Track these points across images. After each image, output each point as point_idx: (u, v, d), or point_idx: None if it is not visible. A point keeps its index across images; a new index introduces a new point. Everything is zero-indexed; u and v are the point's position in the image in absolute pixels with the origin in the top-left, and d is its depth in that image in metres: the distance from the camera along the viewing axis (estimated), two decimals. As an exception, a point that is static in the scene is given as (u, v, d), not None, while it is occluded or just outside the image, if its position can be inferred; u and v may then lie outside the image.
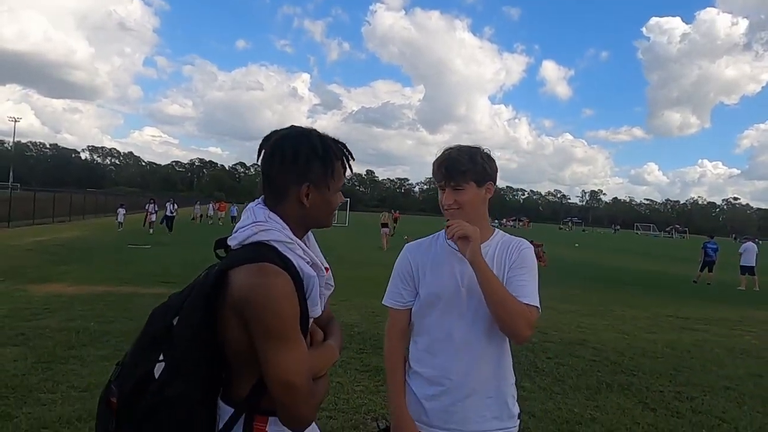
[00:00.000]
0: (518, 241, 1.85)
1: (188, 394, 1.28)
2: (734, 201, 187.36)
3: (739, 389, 5.38)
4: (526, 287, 1.74)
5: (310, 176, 1.38)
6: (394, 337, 1.90)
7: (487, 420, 1.76)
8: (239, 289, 1.26)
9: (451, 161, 1.78)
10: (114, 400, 1.32)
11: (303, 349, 1.31)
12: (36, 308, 7.53)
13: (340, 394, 4.60)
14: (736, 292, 15.85)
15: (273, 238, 1.33)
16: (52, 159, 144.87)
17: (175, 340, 1.30)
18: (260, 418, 1.35)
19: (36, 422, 3.70)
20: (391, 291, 1.92)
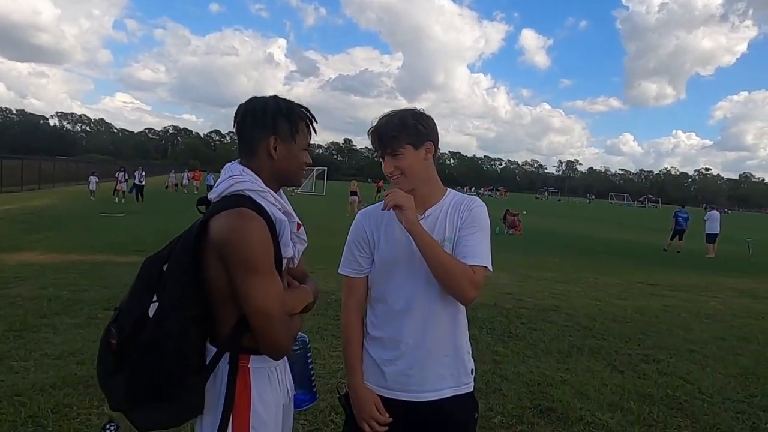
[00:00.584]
0: (469, 200, 1.82)
1: (180, 329, 1.44)
2: (706, 171, 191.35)
3: (703, 352, 5.58)
4: (474, 247, 1.72)
5: (276, 130, 1.55)
6: (352, 307, 1.88)
7: (445, 378, 1.78)
8: (219, 232, 1.42)
9: (382, 128, 1.75)
10: (113, 341, 1.48)
11: (277, 282, 1.46)
12: (7, 277, 7.40)
13: (316, 359, 4.63)
14: (705, 260, 16.30)
15: (247, 188, 1.49)
16: (19, 125, 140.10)
17: (166, 282, 1.46)
18: (244, 356, 1.52)
19: (9, 389, 3.67)
20: (346, 259, 1.89)
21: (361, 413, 1.80)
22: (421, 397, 1.78)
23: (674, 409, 4.02)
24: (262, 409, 1.53)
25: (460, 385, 1.82)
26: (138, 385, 1.45)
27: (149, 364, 1.42)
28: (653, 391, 4.35)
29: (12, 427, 3.18)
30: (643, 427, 3.69)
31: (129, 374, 1.45)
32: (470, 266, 1.69)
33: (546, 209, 49.74)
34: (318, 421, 3.49)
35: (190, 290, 1.45)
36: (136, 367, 1.44)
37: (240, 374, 1.51)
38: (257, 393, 1.53)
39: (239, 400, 1.50)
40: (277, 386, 1.60)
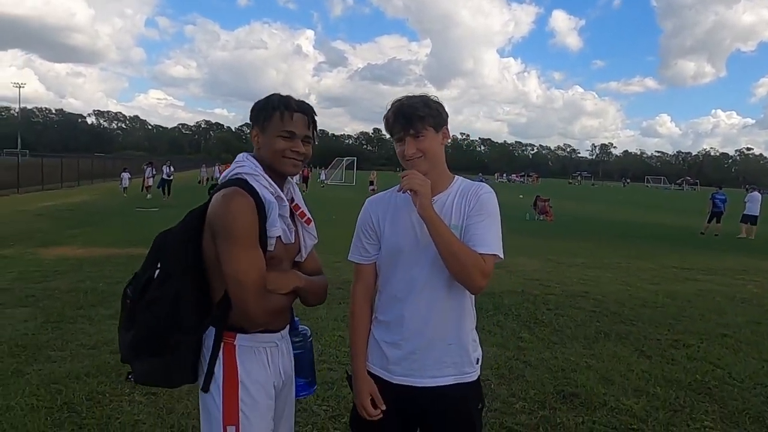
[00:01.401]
0: (477, 186, 1.82)
1: (175, 293, 1.60)
2: (747, 151, 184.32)
3: (736, 336, 5.44)
4: (483, 235, 1.72)
5: (255, 122, 1.74)
6: (360, 294, 1.89)
7: (447, 366, 1.78)
8: (212, 207, 1.59)
9: (409, 108, 1.74)
10: (128, 301, 1.70)
11: (256, 254, 1.58)
12: (46, 271, 7.69)
13: (341, 347, 4.71)
14: (743, 242, 15.82)
15: (244, 172, 1.66)
16: (58, 124, 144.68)
17: (167, 250, 1.66)
18: (229, 333, 1.64)
19: (46, 378, 3.84)
20: (355, 246, 1.90)
21: (357, 398, 1.85)
22: (422, 382, 1.79)
23: (702, 394, 3.95)
24: (250, 384, 1.64)
25: (463, 373, 1.81)
26: (138, 338, 1.63)
27: (147, 320, 1.61)
28: (681, 377, 4.28)
29: (49, 413, 3.33)
30: (669, 412, 3.64)
31: (134, 329, 1.64)
32: (480, 255, 1.69)
33: (579, 194, 48.88)
34: (341, 407, 3.55)
35: (186, 258, 1.62)
36: (139, 323, 1.63)
37: (226, 351, 1.63)
38: (244, 369, 1.64)
39: (227, 374, 1.62)
40: (267, 365, 1.69)
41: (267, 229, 1.60)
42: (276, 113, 1.68)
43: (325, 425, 3.32)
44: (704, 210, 18.90)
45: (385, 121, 1.82)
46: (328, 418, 3.40)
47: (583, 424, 3.42)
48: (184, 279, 1.61)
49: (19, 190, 24.82)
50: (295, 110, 1.69)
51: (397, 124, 1.76)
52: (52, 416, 3.30)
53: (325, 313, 5.65)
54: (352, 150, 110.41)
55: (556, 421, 3.45)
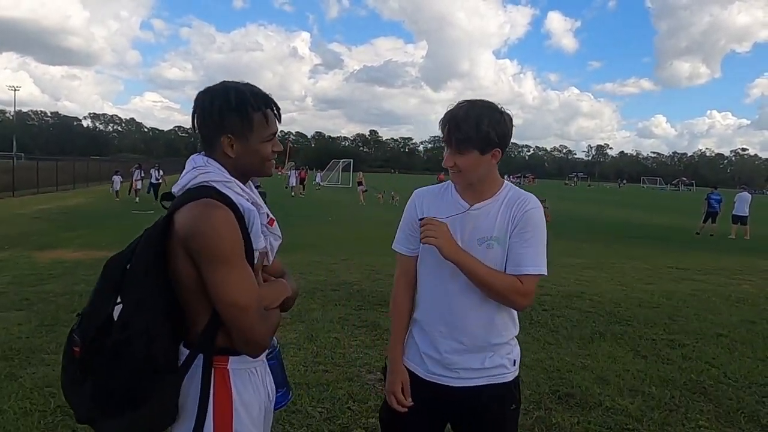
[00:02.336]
0: (524, 200, 1.77)
1: (146, 329, 1.34)
2: (742, 152, 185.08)
3: (731, 336, 5.45)
4: (524, 256, 1.71)
5: (228, 128, 1.45)
6: (401, 284, 1.91)
7: (481, 367, 1.77)
8: (183, 225, 1.34)
9: (454, 125, 1.69)
10: (77, 348, 1.39)
11: (249, 272, 1.39)
12: (40, 274, 7.65)
13: (336, 348, 4.70)
14: (737, 242, 15.87)
15: (211, 179, 1.42)
16: (54, 127, 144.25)
17: (129, 281, 1.39)
18: (220, 357, 1.43)
19: (40, 381, 3.82)
20: (399, 236, 1.91)
21: (388, 385, 1.87)
22: (456, 382, 1.79)
23: (697, 394, 3.95)
24: (244, 412, 1.45)
25: (497, 375, 1.80)
26: (104, 392, 1.36)
27: (115, 369, 1.34)
28: (676, 376, 4.28)
29: (42, 416, 3.31)
30: (664, 411, 3.64)
31: (94, 382, 1.36)
32: (518, 276, 1.70)
33: (575, 195, 48.98)
34: (335, 409, 3.54)
35: (156, 288, 1.37)
36: (101, 374, 1.35)
37: (218, 377, 1.43)
38: (238, 395, 1.45)
39: (219, 404, 1.42)
40: (259, 387, 1.53)
41: (252, 242, 1.43)
42: (257, 115, 1.46)
43: (320, 427, 3.31)
44: (700, 210, 18.97)
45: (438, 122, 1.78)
46: (323, 420, 3.39)
47: (579, 425, 3.42)
48: (156, 312, 1.36)
49: (14, 193, 24.68)
50: (275, 106, 1.52)
51: (443, 132, 1.74)
52: (45, 420, 3.28)
53: (320, 315, 5.64)
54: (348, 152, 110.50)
55: (551, 422, 3.45)
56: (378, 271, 8.30)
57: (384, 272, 8.22)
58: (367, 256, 9.80)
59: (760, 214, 17.93)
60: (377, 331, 5.22)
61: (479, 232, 1.75)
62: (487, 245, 1.73)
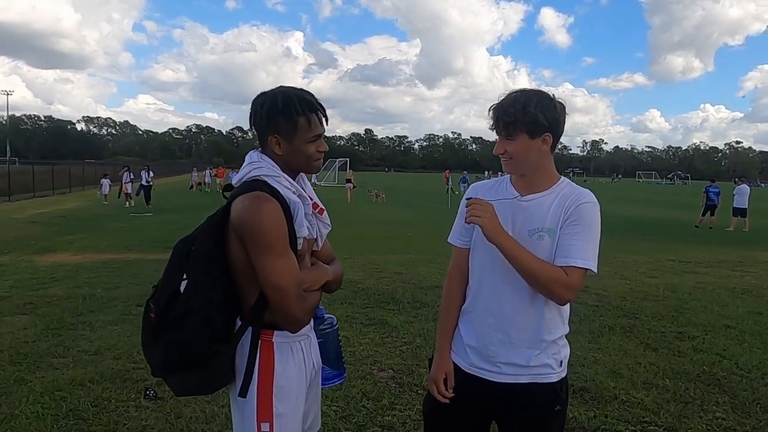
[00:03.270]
0: (578, 194, 1.74)
1: (206, 303, 1.55)
2: (736, 145, 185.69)
3: (739, 327, 5.45)
4: (572, 247, 1.67)
5: (275, 129, 1.63)
6: (454, 276, 1.90)
7: (522, 365, 1.75)
8: (237, 214, 1.54)
9: (502, 109, 1.69)
10: (152, 315, 1.62)
11: (291, 259, 1.56)
12: (42, 278, 7.60)
13: (346, 347, 4.65)
14: (737, 234, 15.92)
15: (263, 173, 1.61)
16: (48, 131, 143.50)
17: (193, 260, 1.60)
18: (267, 331, 1.62)
19: (50, 385, 3.77)
20: (454, 229, 1.91)
21: (432, 373, 1.89)
22: (496, 377, 1.76)
23: (711, 386, 3.94)
24: (284, 382, 1.62)
25: (541, 374, 1.76)
26: (171, 354, 1.58)
27: (179, 335, 1.56)
28: (689, 368, 4.27)
29: (54, 420, 3.27)
30: (680, 404, 3.63)
31: (164, 345, 1.59)
32: (563, 267, 1.66)
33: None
34: (350, 408, 3.51)
35: (215, 268, 1.57)
36: (169, 339, 1.58)
37: (263, 348, 1.61)
38: (280, 367, 1.62)
39: (262, 372, 1.60)
40: (301, 361, 1.68)
41: (296, 231, 1.59)
42: (302, 119, 1.62)
43: (336, 426, 3.28)
44: (697, 204, 19.04)
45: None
46: (339, 419, 3.37)
47: (596, 418, 3.40)
48: (214, 289, 1.57)
49: (10, 198, 24.58)
50: (320, 110, 1.66)
51: (492, 120, 1.74)
52: (58, 424, 3.24)
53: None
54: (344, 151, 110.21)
55: (568, 416, 3.40)
56: (381, 270, 8.27)
57: (387, 270, 8.20)
58: (370, 255, 9.78)
59: (757, 207, 17.97)
60: (385, 329, 5.19)
61: (531, 224, 1.72)
62: (537, 236, 1.70)
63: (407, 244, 12.19)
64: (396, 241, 12.52)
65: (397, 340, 4.87)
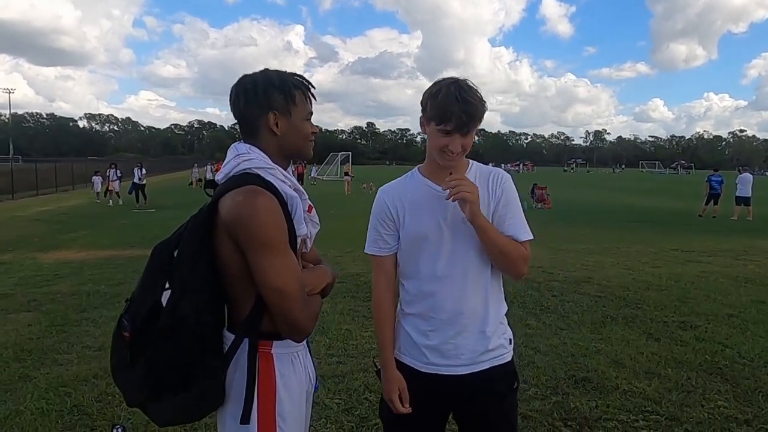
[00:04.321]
0: (496, 174, 1.79)
1: (195, 314, 1.37)
2: (740, 133, 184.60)
3: (742, 316, 5.45)
4: (518, 225, 1.76)
5: (273, 105, 1.48)
6: (382, 286, 1.83)
7: (481, 353, 1.75)
8: (229, 211, 1.36)
9: (473, 108, 1.62)
10: (126, 333, 1.41)
11: (292, 258, 1.40)
12: (46, 275, 7.64)
13: (348, 340, 4.69)
14: (740, 223, 15.86)
15: (254, 166, 1.43)
16: (50, 129, 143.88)
17: (178, 266, 1.40)
18: (264, 342, 1.45)
19: (54, 381, 3.81)
20: (371, 238, 1.84)
21: (386, 392, 1.82)
22: (457, 370, 1.76)
23: (713, 375, 3.95)
24: (287, 396, 1.47)
25: (497, 357, 1.79)
26: (155, 374, 1.39)
27: (166, 351, 1.36)
28: (691, 358, 4.27)
29: (59, 416, 3.30)
30: (682, 393, 3.63)
31: (145, 364, 1.39)
32: (521, 243, 1.75)
33: (575, 181, 48.95)
34: (353, 400, 3.53)
35: (203, 273, 1.39)
36: (152, 356, 1.38)
37: (263, 361, 1.44)
38: (282, 380, 1.46)
39: (263, 387, 1.44)
40: (301, 372, 1.54)
41: (296, 228, 1.45)
42: (298, 92, 1.50)
43: (339, 418, 3.30)
44: (700, 193, 18.94)
45: (435, 105, 1.65)
46: (341, 411, 3.38)
47: (597, 408, 3.41)
48: (202, 298, 1.39)
49: (13, 196, 24.65)
50: (313, 87, 1.55)
51: (455, 119, 1.61)
52: (62, 419, 3.27)
53: (329, 307, 5.62)
54: (346, 145, 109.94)
55: (570, 406, 3.44)
56: (384, 263, 8.27)
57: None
58: (372, 248, 9.78)
59: (760, 195, 17.89)
60: (388, 321, 5.20)
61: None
62: None
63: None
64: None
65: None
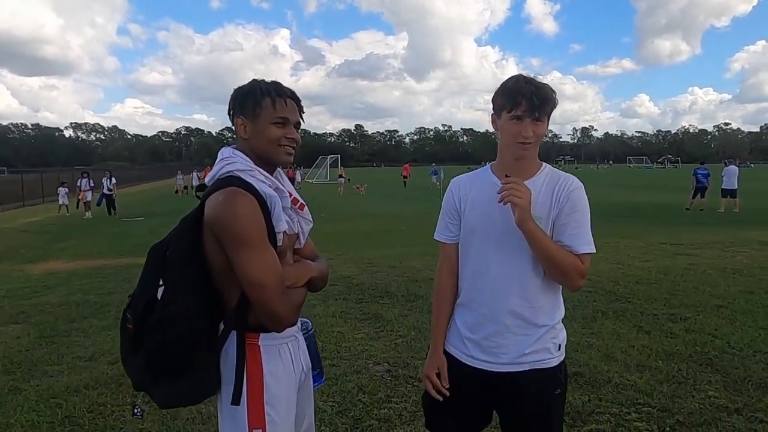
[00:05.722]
0: (565, 180, 1.76)
1: (186, 309, 1.50)
2: (725, 126, 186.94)
3: (731, 307, 5.50)
4: (579, 236, 1.70)
5: (241, 110, 1.62)
6: (445, 272, 1.91)
7: (523, 353, 1.75)
8: (210, 211, 1.48)
9: (544, 92, 1.68)
10: (130, 326, 1.58)
11: (269, 253, 1.50)
12: (35, 286, 7.57)
13: (341, 342, 4.68)
14: (727, 215, 16.02)
15: (236, 168, 1.55)
16: (35, 139, 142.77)
17: (169, 265, 1.53)
18: (252, 334, 1.57)
19: (45, 393, 3.76)
20: (440, 226, 1.92)
21: (424, 369, 1.91)
22: (497, 367, 1.76)
23: (704, 365, 3.98)
24: (274, 385, 1.58)
25: (540, 360, 1.76)
26: (153, 363, 1.52)
27: (160, 343, 1.49)
28: (681, 349, 4.31)
29: (50, 427, 3.26)
30: (673, 384, 3.66)
31: (144, 354, 1.53)
32: (578, 255, 1.69)
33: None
34: (346, 402, 3.52)
35: (192, 271, 1.51)
36: (149, 347, 1.52)
37: (250, 352, 1.56)
38: (269, 370, 1.57)
39: (251, 377, 1.55)
40: (289, 362, 1.64)
41: (274, 225, 1.54)
42: (267, 99, 1.60)
43: (333, 420, 3.29)
44: (687, 186, 19.10)
45: (505, 92, 1.71)
46: (335, 414, 3.38)
47: (590, 402, 3.43)
48: (193, 293, 1.51)
49: (0, 208, 24.40)
50: (288, 96, 1.64)
51: (528, 103, 1.65)
52: (54, 431, 3.23)
53: (322, 310, 5.61)
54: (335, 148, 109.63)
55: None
56: (374, 264, 8.28)
57: (381, 265, 8.21)
58: (362, 250, 9.79)
59: (746, 186, 18.08)
60: (380, 322, 5.20)
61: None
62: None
63: (400, 237, 12.20)
64: (389, 235, 12.52)
65: (392, 334, 4.88)
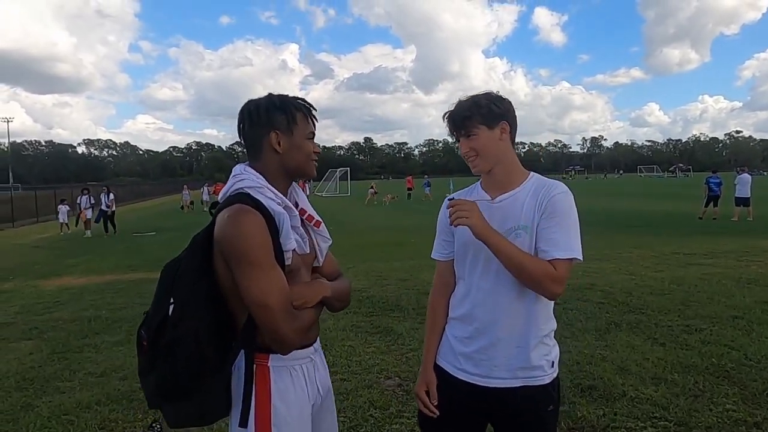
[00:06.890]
0: (548, 186, 1.74)
1: (196, 330, 1.45)
2: (737, 134, 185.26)
3: (747, 317, 5.41)
4: (555, 240, 1.65)
5: (275, 124, 1.57)
6: (437, 289, 1.93)
7: (515, 369, 1.72)
8: (218, 229, 1.46)
9: (455, 110, 1.77)
10: (145, 343, 1.54)
11: (275, 273, 1.46)
12: (47, 302, 7.61)
13: (352, 356, 4.65)
14: (741, 224, 15.83)
15: (245, 185, 1.53)
16: (49, 156, 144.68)
17: (179, 283, 1.50)
18: (261, 354, 1.53)
19: (57, 409, 3.77)
20: (436, 244, 1.94)
21: (415, 388, 1.92)
22: (489, 382, 1.74)
23: (720, 378, 3.91)
24: (283, 408, 1.52)
25: (532, 377, 1.73)
26: (163, 383, 1.49)
27: (169, 363, 1.46)
28: (697, 361, 4.24)
29: (62, 445, 3.27)
30: (689, 398, 3.60)
31: (155, 375, 1.50)
32: (551, 261, 1.64)
33: (574, 188, 48.82)
34: (358, 417, 3.49)
35: (201, 288, 1.47)
36: (160, 367, 1.49)
37: (259, 373, 1.52)
38: (278, 392, 1.53)
39: (259, 399, 1.51)
40: (302, 385, 1.58)
41: (282, 244, 1.49)
42: (299, 114, 1.59)
43: (344, 436, 3.26)
44: (700, 195, 18.92)
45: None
46: (346, 429, 3.35)
47: (605, 417, 3.38)
48: (203, 312, 1.47)
49: (14, 224, 24.69)
50: (315, 109, 1.65)
51: (448, 124, 1.80)
52: (65, 448, 3.23)
53: (332, 324, 5.59)
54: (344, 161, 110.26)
55: (577, 415, 3.40)
56: (385, 278, 8.26)
57: (391, 278, 8.18)
58: (373, 263, 9.77)
59: (760, 195, 17.87)
60: (391, 336, 5.17)
61: (506, 223, 1.71)
62: (515, 234, 1.69)
63: (411, 250, 12.16)
64: (399, 247, 12.50)
65: (403, 347, 4.85)
